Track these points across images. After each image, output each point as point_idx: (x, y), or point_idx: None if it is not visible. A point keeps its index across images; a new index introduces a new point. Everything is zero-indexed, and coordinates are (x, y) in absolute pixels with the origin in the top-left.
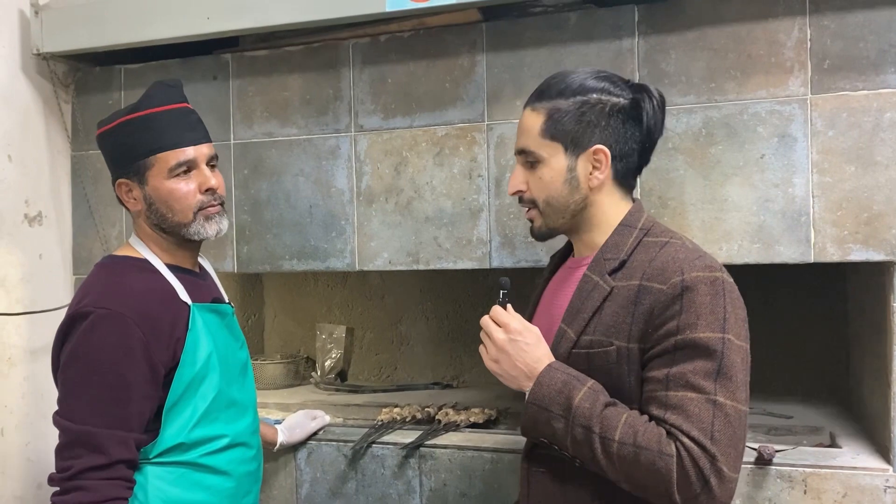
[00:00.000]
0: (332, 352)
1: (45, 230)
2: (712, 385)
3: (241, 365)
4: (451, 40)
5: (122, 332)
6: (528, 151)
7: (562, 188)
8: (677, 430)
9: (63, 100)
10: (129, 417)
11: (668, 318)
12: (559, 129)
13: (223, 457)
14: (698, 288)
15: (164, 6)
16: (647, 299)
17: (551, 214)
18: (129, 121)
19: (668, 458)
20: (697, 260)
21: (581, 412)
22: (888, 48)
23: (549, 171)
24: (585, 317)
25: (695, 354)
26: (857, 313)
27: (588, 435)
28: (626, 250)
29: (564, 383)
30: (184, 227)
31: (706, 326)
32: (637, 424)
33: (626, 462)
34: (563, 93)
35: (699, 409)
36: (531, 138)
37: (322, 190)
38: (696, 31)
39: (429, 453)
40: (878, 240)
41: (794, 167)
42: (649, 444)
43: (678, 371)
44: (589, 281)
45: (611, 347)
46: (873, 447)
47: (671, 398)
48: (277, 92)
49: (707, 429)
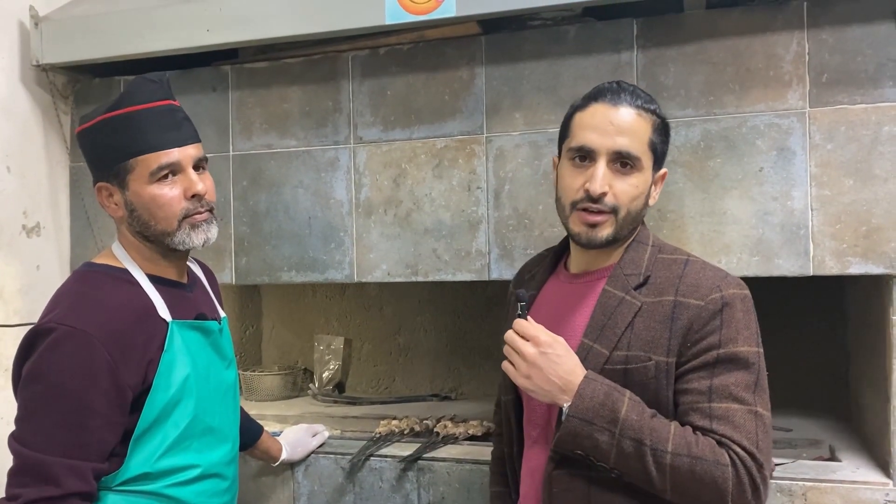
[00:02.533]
0: (330, 363)
1: (44, 241)
2: (752, 397)
3: (226, 388)
4: (451, 53)
5: (85, 352)
6: (633, 156)
7: (642, 201)
8: (728, 440)
9: (62, 111)
10: (89, 445)
11: (709, 333)
12: (657, 143)
13: (192, 488)
14: (735, 304)
15: (163, 18)
16: (685, 315)
17: (626, 225)
18: (109, 119)
19: (725, 467)
20: (729, 277)
21: (629, 424)
22: (886, 62)
23: (643, 182)
24: (617, 332)
25: (735, 367)
26: (857, 326)
27: (638, 447)
28: (646, 266)
29: (606, 395)
30: (168, 236)
31: (745, 341)
32: (687, 435)
33: (680, 473)
34: (657, 109)
35: (744, 419)
36: (639, 143)
37: (321, 201)
38: (694, 45)
39: (427, 466)
40: (876, 253)
41: (793, 180)
42: (704, 455)
43: (720, 383)
44: (612, 296)
45: (649, 362)
46: (873, 461)
47: (716, 409)
48: (277, 104)
49: (753, 438)
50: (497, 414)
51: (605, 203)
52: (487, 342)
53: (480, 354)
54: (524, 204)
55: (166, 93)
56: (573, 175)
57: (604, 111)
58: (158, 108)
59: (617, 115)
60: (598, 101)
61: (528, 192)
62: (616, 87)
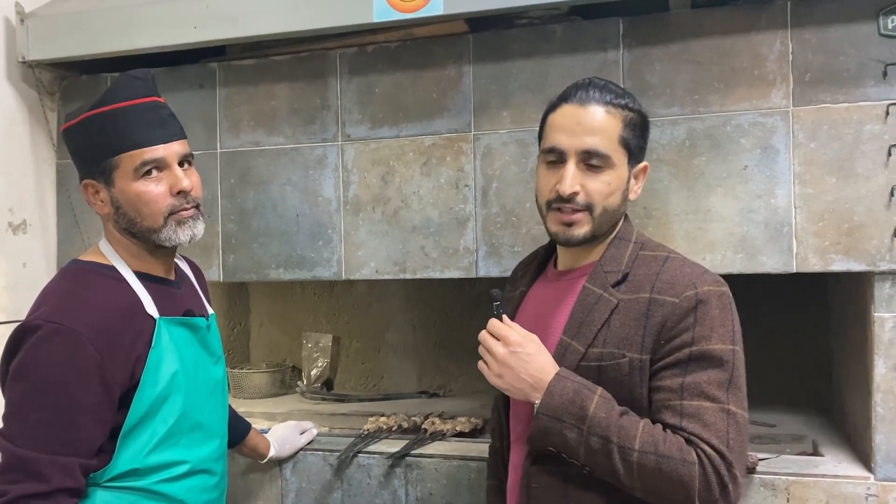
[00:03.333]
0: (318, 361)
1: (30, 238)
2: (725, 395)
3: (214, 384)
4: (438, 51)
5: (73, 350)
6: (601, 154)
7: (619, 198)
8: (697, 438)
9: (48, 108)
10: (77, 442)
11: (683, 330)
12: (631, 138)
13: (181, 484)
14: (710, 301)
15: (150, 15)
16: (660, 312)
17: (603, 222)
18: (94, 116)
19: (692, 465)
20: (706, 274)
21: (597, 422)
22: (868, 62)
23: (617, 178)
24: (593, 329)
25: (708, 365)
26: (839, 323)
27: (605, 445)
28: (626, 263)
29: (576, 392)
30: (154, 233)
31: (718, 339)
32: (655, 433)
33: (647, 470)
34: (629, 103)
35: (715, 418)
36: (608, 141)
37: (309, 199)
38: (680, 44)
39: (415, 462)
40: (858, 250)
41: (777, 178)
42: (671, 453)
43: (692, 381)
44: (591, 294)
45: (623, 359)
46: (855, 455)
47: (687, 407)
48: (264, 101)
49: (723, 437)
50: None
51: (577, 202)
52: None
53: (468, 352)
54: (511, 201)
55: (151, 89)
56: (546, 176)
57: (572, 112)
58: (143, 104)
59: (585, 115)
60: (568, 101)
61: (516, 190)
62: (586, 85)
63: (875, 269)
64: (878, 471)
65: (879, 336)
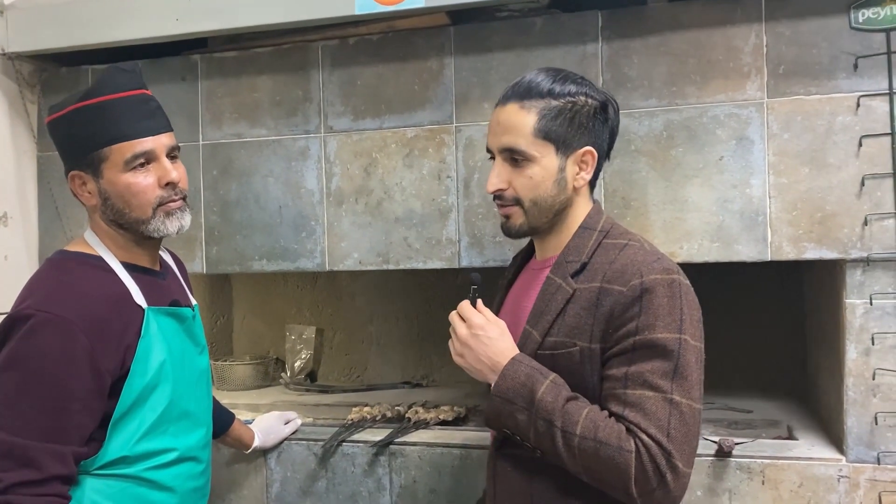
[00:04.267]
0: (301, 353)
1: (11, 231)
2: (669, 384)
3: (199, 373)
4: (420, 43)
5: (64, 338)
6: (517, 150)
7: (551, 188)
8: (636, 427)
9: (29, 100)
10: (68, 430)
11: (628, 319)
12: (553, 128)
13: (169, 472)
14: (656, 290)
15: (131, 7)
16: (608, 301)
17: (536, 214)
18: (82, 108)
19: (627, 453)
20: (655, 262)
21: (543, 405)
22: (839, 54)
23: (541, 170)
24: (549, 318)
25: (652, 354)
26: (813, 310)
27: (550, 428)
28: (587, 252)
29: (528, 376)
30: (142, 224)
31: (664, 328)
32: (598, 420)
33: (587, 456)
34: (552, 92)
35: (656, 407)
36: (522, 137)
37: (292, 191)
38: (657, 37)
39: (399, 451)
40: (830, 238)
41: (752, 169)
42: (609, 440)
43: (636, 370)
44: (552, 283)
45: (574, 348)
46: (828, 439)
47: (629, 396)
48: (247, 93)
49: (664, 426)
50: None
51: (505, 198)
52: None
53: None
54: None
55: (139, 82)
56: (490, 173)
57: (495, 113)
58: (132, 97)
59: (502, 114)
60: (497, 102)
61: None
62: (512, 85)
63: (847, 256)
64: (850, 453)
65: (851, 322)
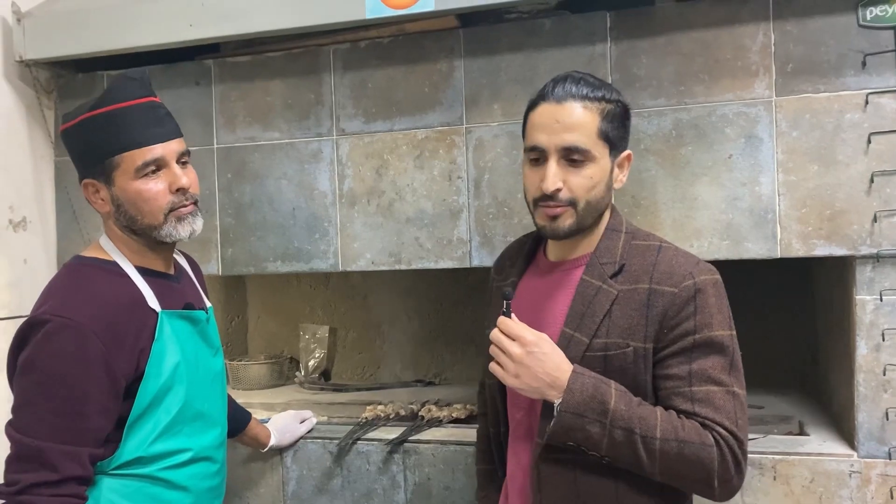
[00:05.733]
0: (315, 352)
1: (30, 235)
2: (728, 378)
3: (213, 375)
4: (430, 46)
5: (80, 343)
6: (580, 149)
7: (603, 189)
8: (710, 422)
9: (46, 106)
10: (84, 432)
11: (684, 318)
12: (612, 130)
13: (184, 472)
14: (707, 290)
15: (145, 13)
16: (660, 301)
17: (588, 215)
18: (92, 118)
19: (710, 448)
20: (700, 264)
21: (619, 414)
22: (847, 52)
23: (600, 171)
24: (596, 320)
25: (711, 351)
26: (824, 307)
27: (629, 436)
28: (620, 254)
29: (595, 388)
30: (155, 230)
31: (719, 325)
32: (673, 420)
33: (669, 457)
34: (606, 95)
35: (724, 401)
36: (587, 136)
37: (305, 193)
38: (665, 37)
39: (412, 448)
40: (840, 235)
41: (761, 166)
42: (691, 438)
43: (699, 367)
44: (590, 285)
45: (628, 349)
46: (839, 434)
47: (697, 392)
48: (260, 97)
49: (733, 417)
50: (481, 394)
51: (560, 198)
52: (469, 328)
53: (463, 340)
54: (503, 192)
55: (147, 90)
56: (531, 174)
57: (550, 110)
58: (141, 105)
59: (562, 113)
60: (546, 100)
61: (507, 181)
62: (562, 81)
63: (856, 253)
64: (861, 448)
65: (861, 318)
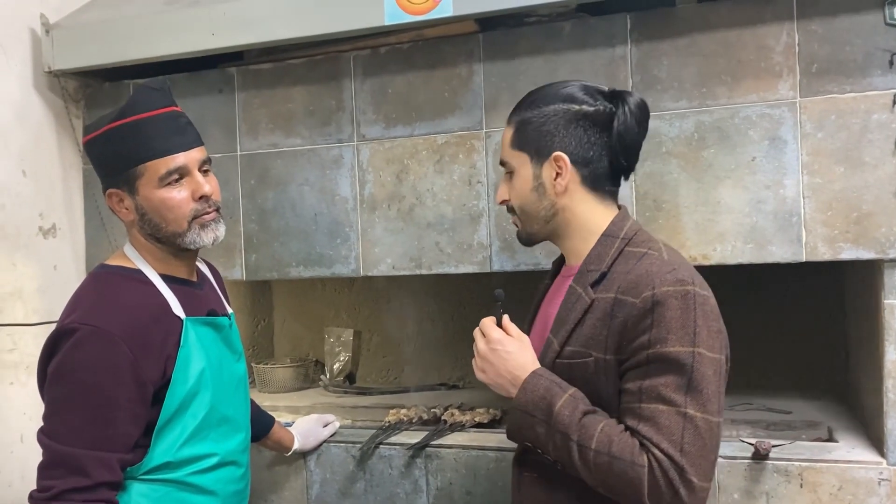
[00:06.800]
0: (340, 355)
1: (59, 242)
2: (683, 398)
3: (237, 380)
4: (449, 51)
5: (108, 350)
6: (504, 162)
7: (530, 195)
8: (648, 442)
9: (74, 115)
10: (114, 438)
11: (641, 332)
12: (524, 139)
13: (211, 476)
14: (668, 302)
15: (170, 23)
16: (622, 312)
17: (527, 220)
18: (115, 129)
19: (640, 468)
20: (669, 274)
21: (561, 419)
22: (874, 51)
23: (520, 179)
24: (568, 328)
25: (666, 368)
26: (853, 310)
27: (567, 442)
28: (608, 261)
29: (547, 389)
30: (179, 237)
31: (676, 341)
32: (613, 434)
33: (601, 470)
34: (530, 106)
35: (669, 421)
36: (504, 150)
37: (326, 198)
38: (686, 38)
39: (435, 453)
40: (867, 238)
41: (785, 169)
42: (622, 455)
43: (650, 384)
44: (574, 292)
45: (589, 359)
46: (868, 441)
47: (644, 410)
48: (282, 104)
49: (677, 441)
50: None
51: (509, 207)
52: None
53: None
54: None
55: (169, 99)
56: None
57: None
58: (162, 114)
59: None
60: None
61: None
62: None
63: (885, 256)
64: (891, 456)
65: (890, 323)
